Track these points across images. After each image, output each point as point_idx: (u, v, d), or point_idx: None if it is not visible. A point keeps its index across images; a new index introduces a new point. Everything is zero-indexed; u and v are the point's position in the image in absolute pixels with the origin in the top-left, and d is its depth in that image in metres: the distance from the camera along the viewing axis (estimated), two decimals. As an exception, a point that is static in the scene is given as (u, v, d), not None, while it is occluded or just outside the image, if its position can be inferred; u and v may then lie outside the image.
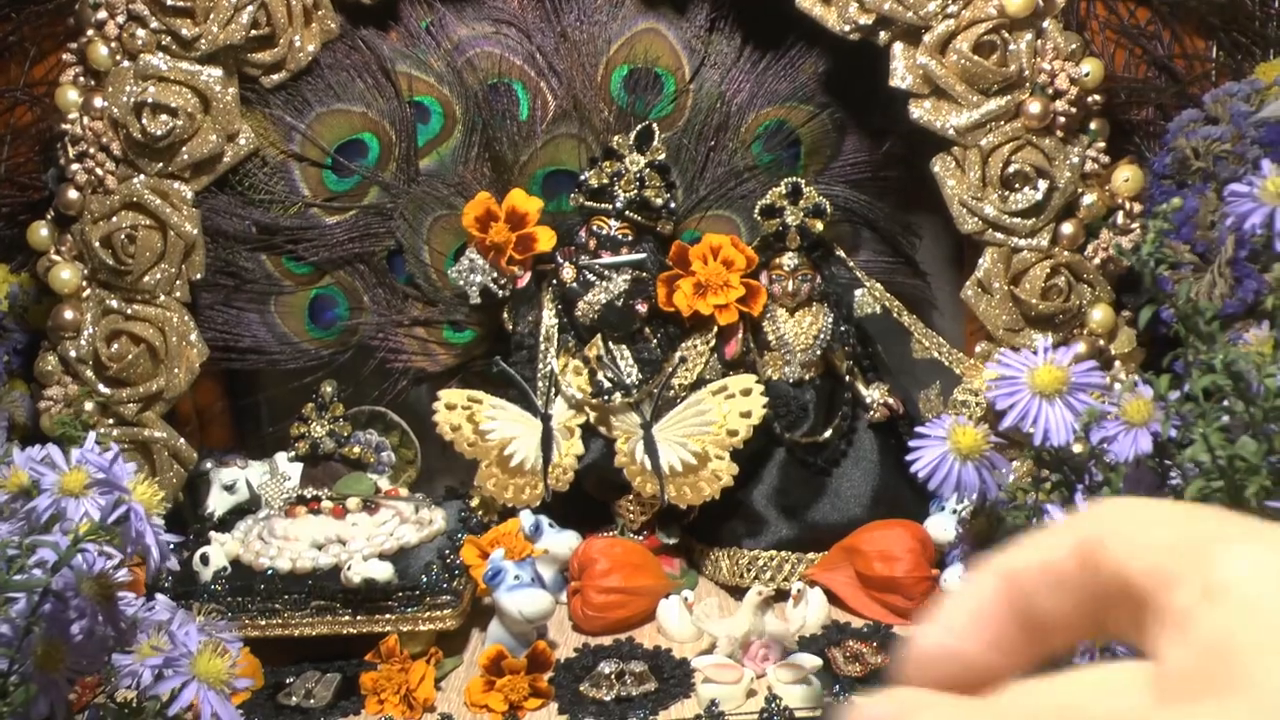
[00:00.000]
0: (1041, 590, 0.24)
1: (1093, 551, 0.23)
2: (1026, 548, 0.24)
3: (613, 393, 1.12)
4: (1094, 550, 0.23)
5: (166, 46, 1.17)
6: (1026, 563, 0.24)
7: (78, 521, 0.75)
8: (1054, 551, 0.24)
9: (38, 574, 0.73)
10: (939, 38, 1.15)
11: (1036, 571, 0.24)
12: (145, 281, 1.21)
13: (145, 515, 0.71)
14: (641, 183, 1.13)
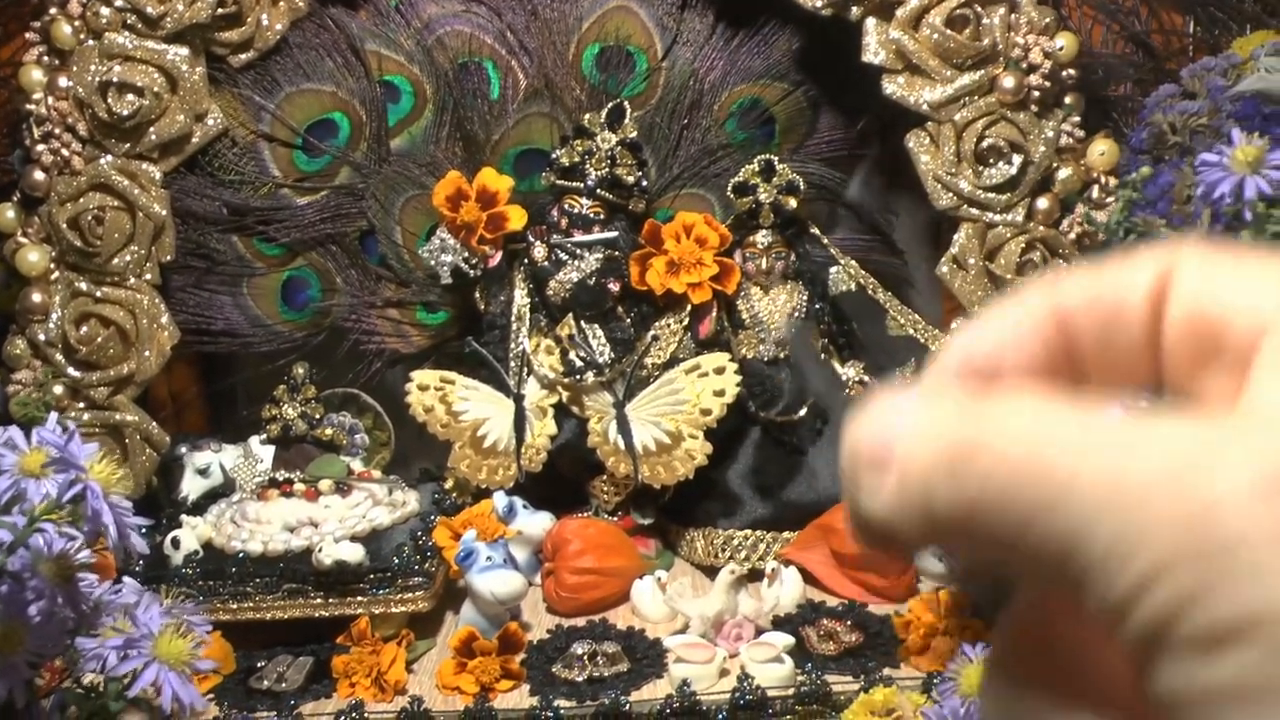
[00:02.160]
0: (1094, 323, 0.22)
1: (1166, 292, 0.21)
2: (1085, 278, 0.22)
3: (585, 372, 1.11)
4: (1168, 291, 0.21)
5: (132, 25, 1.16)
6: (1081, 292, 0.22)
7: (37, 502, 0.74)
8: (1119, 288, 0.21)
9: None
10: (911, 12, 1.14)
11: (1091, 302, 0.22)
12: (114, 263, 1.19)
13: (102, 494, 0.70)
14: (613, 161, 1.12)
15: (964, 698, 0.81)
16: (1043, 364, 0.22)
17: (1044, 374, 0.22)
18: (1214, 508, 0.18)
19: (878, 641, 1.00)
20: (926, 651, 0.98)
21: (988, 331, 0.22)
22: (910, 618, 0.99)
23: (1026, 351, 0.22)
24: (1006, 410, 0.20)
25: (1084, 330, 0.22)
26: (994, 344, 0.22)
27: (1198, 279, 0.21)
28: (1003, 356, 0.22)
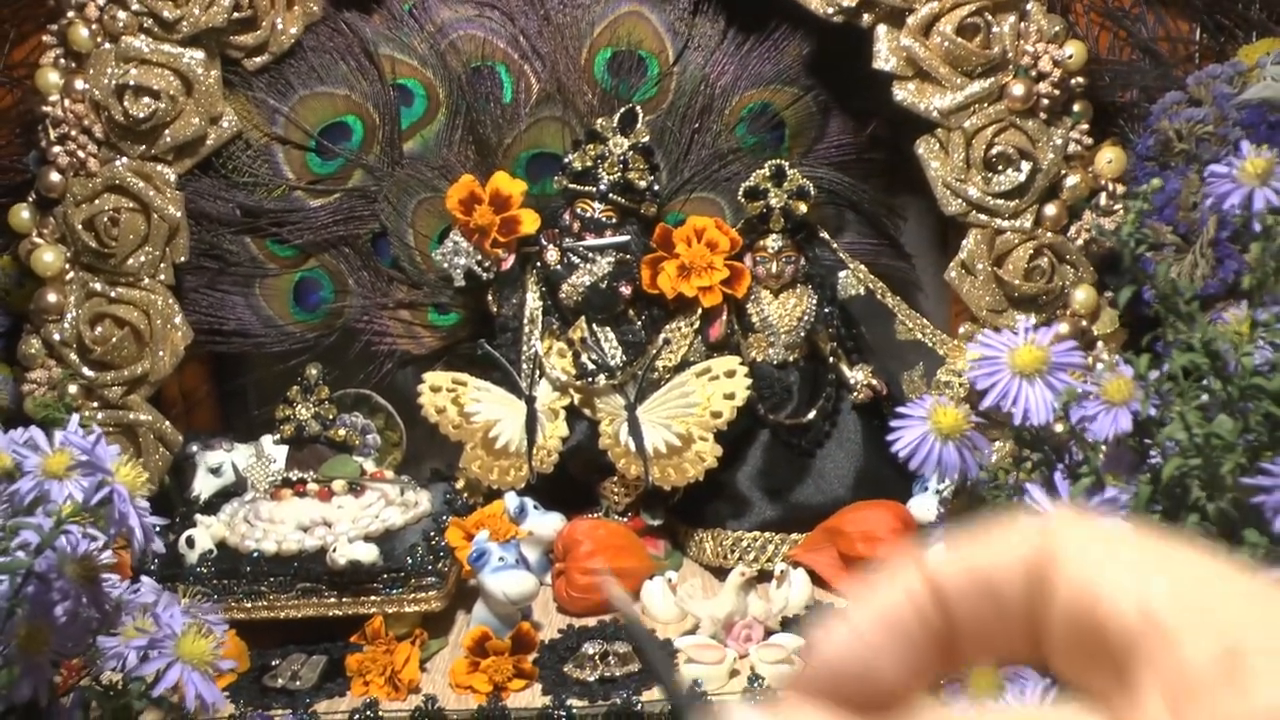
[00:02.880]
0: (971, 599, 0.21)
1: (1047, 566, 0.21)
2: (962, 549, 0.22)
3: (597, 374, 1.12)
4: (1050, 567, 0.21)
5: (148, 29, 1.17)
6: (960, 566, 0.22)
7: (61, 504, 0.75)
8: (996, 558, 0.21)
9: (21, 556, 0.74)
10: (922, 20, 1.15)
11: (967, 577, 0.21)
12: (129, 264, 1.20)
13: (129, 497, 0.72)
14: (625, 165, 1.13)
15: (971, 699, 0.82)
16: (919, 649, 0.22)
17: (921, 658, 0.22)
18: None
19: (886, 643, 1.01)
20: (934, 654, 0.99)
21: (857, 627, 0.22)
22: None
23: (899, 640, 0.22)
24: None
25: (961, 605, 0.21)
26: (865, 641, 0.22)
27: (1078, 567, 0.20)
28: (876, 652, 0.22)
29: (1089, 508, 0.75)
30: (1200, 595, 0.19)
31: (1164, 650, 0.19)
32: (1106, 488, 0.75)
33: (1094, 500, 0.75)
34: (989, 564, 0.21)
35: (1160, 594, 0.19)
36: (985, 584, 0.21)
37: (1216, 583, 0.19)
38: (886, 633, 0.22)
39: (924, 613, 0.22)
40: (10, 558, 0.73)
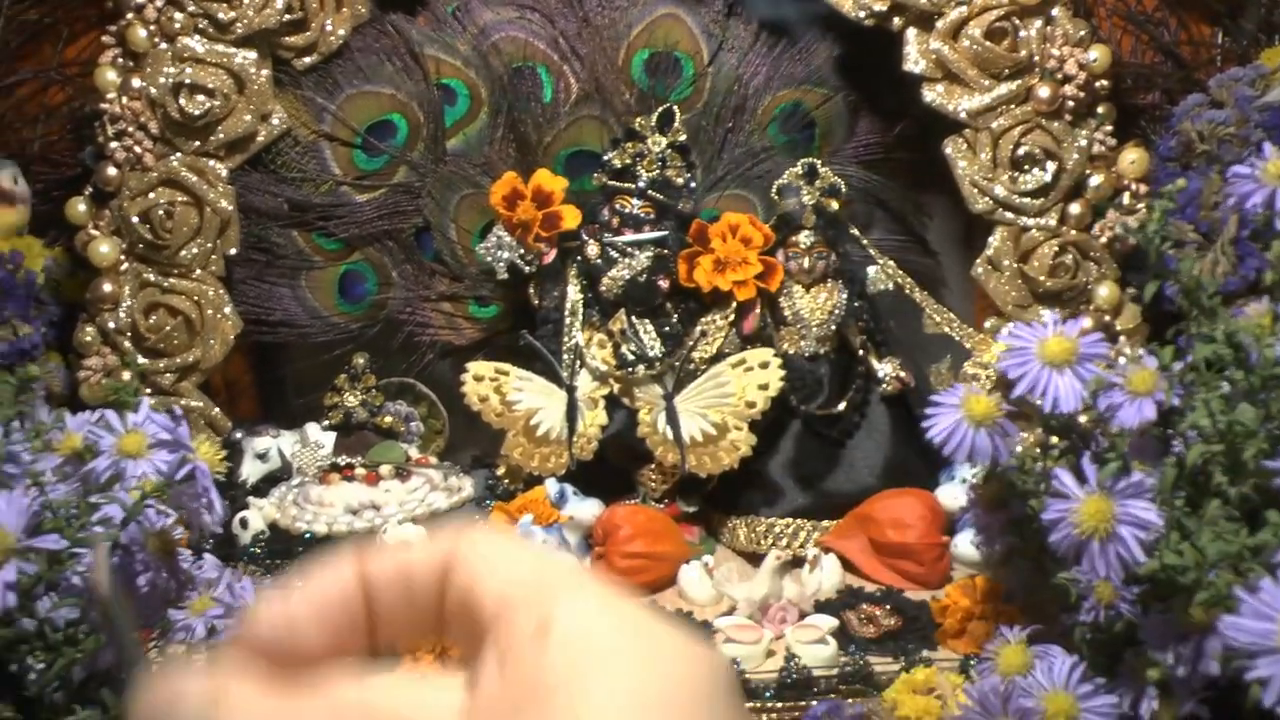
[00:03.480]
0: (392, 589, 0.26)
1: (452, 566, 0.25)
2: (390, 549, 0.26)
3: (636, 365, 1.16)
4: (453, 565, 0.25)
5: (203, 29, 1.21)
6: (385, 561, 0.26)
7: (137, 481, 0.79)
8: (415, 557, 0.26)
9: (99, 531, 0.78)
10: (951, 24, 1.19)
11: (392, 570, 0.26)
12: (182, 256, 1.25)
13: (209, 474, 0.76)
14: (663, 163, 1.18)
15: (1002, 676, 0.86)
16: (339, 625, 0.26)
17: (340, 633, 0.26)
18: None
19: (915, 625, 1.05)
20: (963, 635, 1.02)
21: (288, 602, 0.26)
22: (947, 602, 1.04)
23: (319, 616, 0.26)
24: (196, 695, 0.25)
25: (383, 591, 0.26)
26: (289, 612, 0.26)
27: (470, 563, 0.25)
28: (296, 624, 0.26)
29: (1115, 491, 0.79)
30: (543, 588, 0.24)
31: (504, 623, 0.24)
32: (1133, 472, 0.78)
33: (1120, 484, 0.78)
34: (410, 560, 0.26)
35: (513, 584, 0.24)
36: (404, 576, 0.25)
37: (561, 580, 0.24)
38: (312, 609, 0.26)
39: (348, 596, 0.26)
40: (88, 532, 0.78)
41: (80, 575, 0.76)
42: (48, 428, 0.86)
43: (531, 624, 0.23)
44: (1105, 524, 0.79)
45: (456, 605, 0.25)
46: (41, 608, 0.76)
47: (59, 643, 0.76)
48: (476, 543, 0.25)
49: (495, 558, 0.25)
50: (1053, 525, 0.81)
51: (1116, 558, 0.79)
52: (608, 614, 0.24)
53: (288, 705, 0.24)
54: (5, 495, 0.73)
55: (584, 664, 0.23)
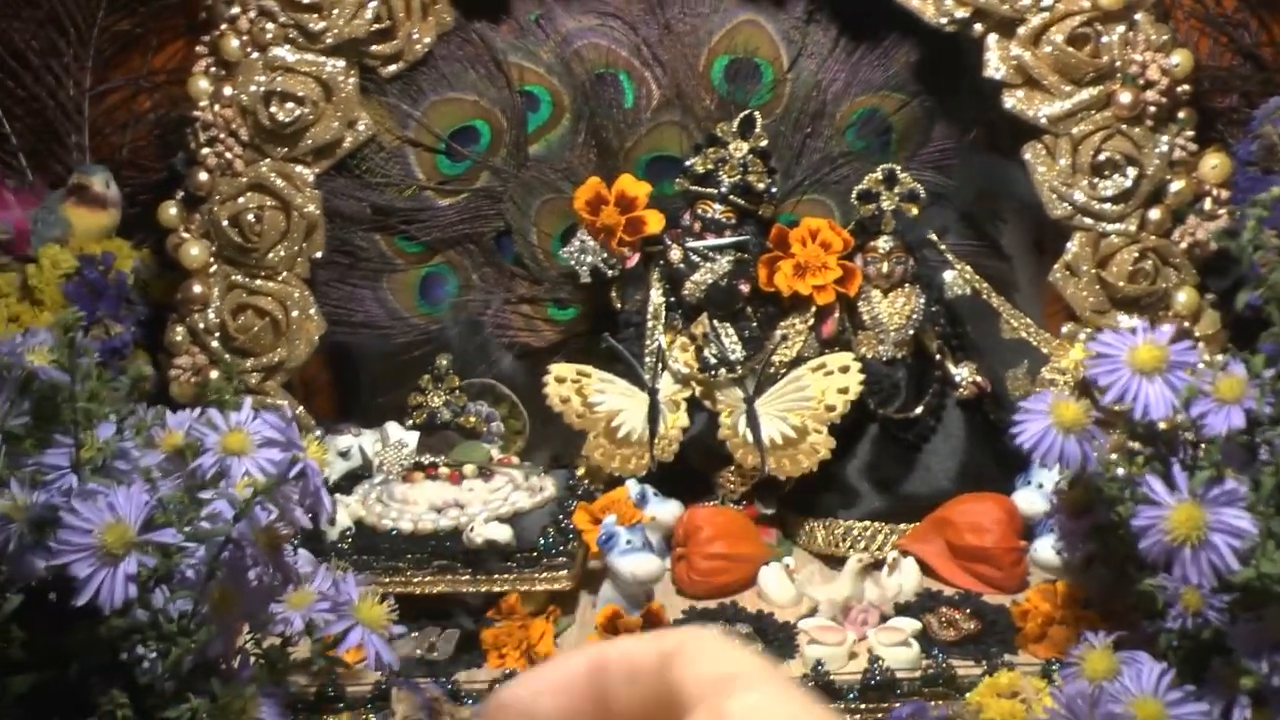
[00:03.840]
0: (620, 678, 0.28)
1: (670, 659, 0.28)
2: (621, 641, 0.29)
3: (718, 368, 1.18)
4: (670, 658, 0.28)
5: (293, 39, 1.24)
6: (617, 653, 0.29)
7: (239, 478, 0.82)
8: (641, 649, 0.28)
9: (205, 526, 0.81)
10: (1033, 30, 1.19)
11: (621, 661, 0.28)
12: (269, 258, 1.28)
13: (320, 472, 0.78)
14: (745, 168, 1.19)
15: (1089, 681, 0.86)
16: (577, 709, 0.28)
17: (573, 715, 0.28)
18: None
19: (995, 629, 1.06)
20: (1043, 640, 1.03)
21: (534, 680, 0.29)
22: (1028, 607, 1.04)
23: (563, 699, 0.28)
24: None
25: (615, 682, 0.28)
26: (536, 691, 0.29)
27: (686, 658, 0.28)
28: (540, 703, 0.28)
29: (1208, 499, 0.79)
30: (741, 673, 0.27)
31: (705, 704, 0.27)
32: (1225, 480, 0.79)
33: (1213, 491, 0.79)
34: (637, 653, 0.28)
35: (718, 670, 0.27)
36: (631, 667, 0.28)
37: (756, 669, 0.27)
38: (555, 690, 0.29)
39: (585, 681, 0.28)
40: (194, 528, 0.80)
41: (193, 569, 0.78)
42: (148, 425, 0.88)
43: (717, 701, 0.27)
44: (1197, 531, 0.79)
45: (670, 694, 0.28)
46: (155, 600, 0.79)
47: (172, 633, 0.79)
48: (690, 639, 0.28)
49: (700, 652, 0.28)
50: (1143, 532, 0.82)
51: (1209, 565, 0.79)
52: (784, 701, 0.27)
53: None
54: (123, 490, 0.76)
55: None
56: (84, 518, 0.72)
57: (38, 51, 1.43)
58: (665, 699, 0.28)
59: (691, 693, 0.27)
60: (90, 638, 0.79)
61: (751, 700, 0.27)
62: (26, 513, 0.77)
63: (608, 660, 0.29)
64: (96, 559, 0.72)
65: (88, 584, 0.72)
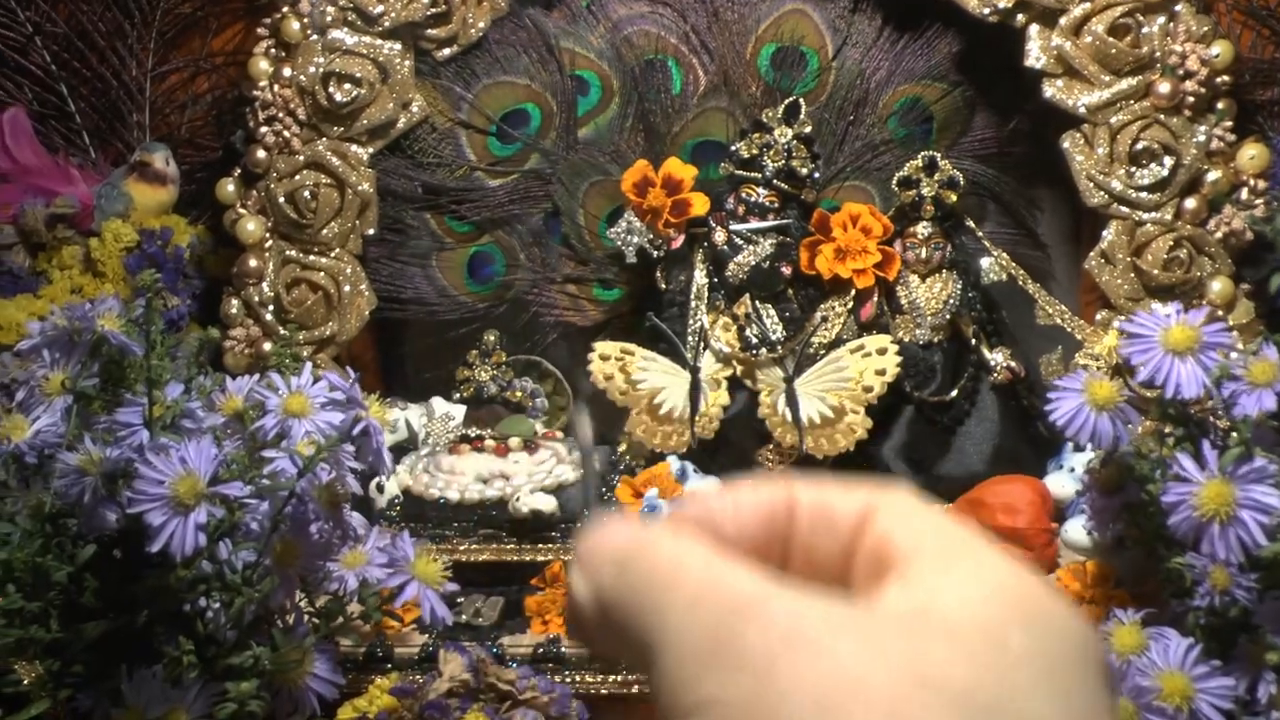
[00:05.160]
0: (814, 523, 0.28)
1: (872, 518, 0.27)
2: (820, 487, 0.28)
3: (760, 348, 1.21)
4: (873, 518, 0.27)
5: (351, 22, 1.28)
6: (815, 498, 0.28)
7: (299, 439, 0.86)
8: (841, 502, 0.28)
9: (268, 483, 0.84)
10: (1074, 20, 1.21)
11: (820, 508, 0.28)
12: (323, 234, 1.32)
13: (381, 429, 0.82)
14: (789, 154, 1.22)
15: (1117, 656, 0.89)
16: (758, 538, 0.28)
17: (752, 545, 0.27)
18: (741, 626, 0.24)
19: (1025, 607, 1.08)
20: (1073, 617, 1.05)
21: (729, 497, 0.28)
22: (1058, 586, 1.07)
23: (749, 523, 0.28)
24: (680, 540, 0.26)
25: (803, 523, 0.28)
26: (723, 508, 0.28)
27: (890, 517, 0.27)
28: (725, 519, 0.28)
29: (1237, 476, 0.81)
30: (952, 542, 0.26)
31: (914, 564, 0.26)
32: (1255, 458, 0.81)
33: (1242, 469, 0.81)
34: (835, 500, 0.28)
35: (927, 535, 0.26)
36: (829, 511, 0.28)
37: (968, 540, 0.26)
38: (747, 513, 0.28)
39: (777, 511, 0.28)
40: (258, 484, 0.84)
41: (258, 522, 0.82)
42: (208, 390, 0.93)
43: (934, 566, 0.26)
44: (1226, 507, 0.81)
45: (868, 550, 0.27)
46: (220, 552, 0.83)
47: (236, 584, 0.83)
48: (896, 502, 0.28)
49: (911, 516, 0.27)
50: (1172, 508, 0.84)
51: (1237, 541, 0.81)
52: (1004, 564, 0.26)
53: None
54: (193, 444, 0.80)
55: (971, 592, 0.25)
56: (158, 469, 0.76)
57: (103, 33, 1.47)
58: (861, 555, 0.27)
59: (900, 552, 0.26)
60: (158, 587, 0.83)
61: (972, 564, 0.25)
62: (100, 466, 0.82)
63: (804, 501, 0.28)
64: (169, 508, 0.76)
65: (161, 532, 0.76)
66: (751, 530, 0.28)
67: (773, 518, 0.28)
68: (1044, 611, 0.25)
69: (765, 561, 0.27)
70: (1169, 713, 0.83)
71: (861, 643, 0.24)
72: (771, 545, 0.28)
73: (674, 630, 0.25)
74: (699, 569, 0.25)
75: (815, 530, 0.28)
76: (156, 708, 0.80)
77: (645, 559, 0.26)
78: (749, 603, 0.24)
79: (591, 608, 0.27)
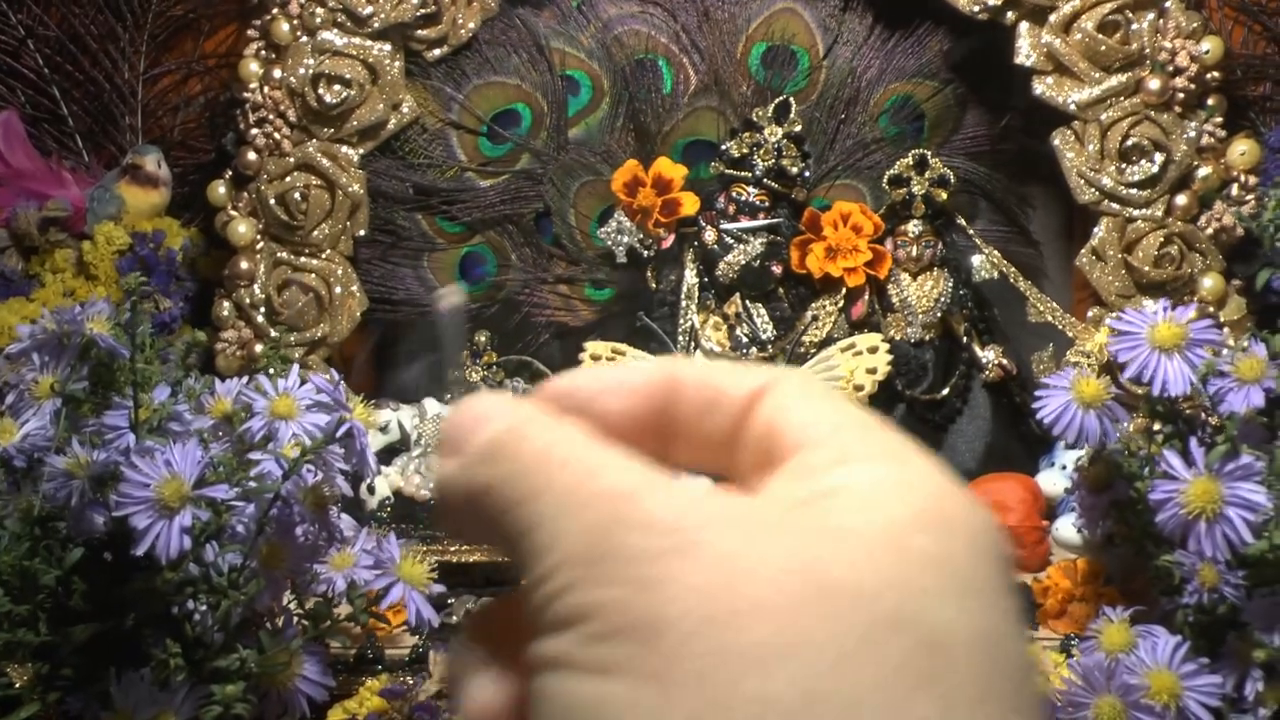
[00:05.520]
0: (698, 405, 0.26)
1: (761, 400, 0.25)
2: (706, 367, 0.27)
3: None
4: (763, 400, 0.25)
5: (341, 24, 1.28)
6: (700, 378, 0.26)
7: (286, 441, 0.86)
8: (728, 382, 0.26)
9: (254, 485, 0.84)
10: (1064, 17, 1.21)
11: (704, 388, 0.26)
12: (314, 236, 1.32)
13: (366, 431, 0.82)
14: (779, 153, 1.22)
15: (1105, 654, 0.89)
16: (640, 420, 0.26)
17: (633, 428, 0.26)
18: (621, 529, 0.22)
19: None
20: (1063, 616, 1.05)
21: (608, 375, 0.26)
22: (1049, 583, 1.07)
23: (627, 401, 0.26)
24: (555, 426, 0.24)
25: (688, 404, 0.26)
26: (601, 386, 0.26)
27: (781, 398, 0.25)
28: (603, 398, 0.26)
29: (1223, 473, 0.81)
30: (844, 433, 0.24)
31: (803, 452, 0.24)
32: (1241, 455, 0.81)
33: (1229, 466, 0.81)
34: (722, 382, 0.26)
35: (818, 424, 0.25)
36: (714, 394, 0.26)
37: (863, 431, 0.25)
38: (624, 392, 0.26)
39: (657, 392, 0.26)
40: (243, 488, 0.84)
41: (244, 524, 0.82)
42: (197, 392, 0.93)
43: (829, 456, 0.24)
44: (1213, 505, 0.81)
45: (757, 433, 0.25)
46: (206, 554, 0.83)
47: (223, 587, 0.83)
48: (789, 383, 0.26)
49: (805, 399, 0.25)
50: (1160, 505, 0.84)
51: (1223, 538, 0.81)
52: (905, 454, 0.24)
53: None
54: (178, 448, 0.80)
55: (871, 488, 0.23)
56: (143, 473, 0.76)
57: (95, 36, 1.47)
58: (749, 440, 0.25)
59: (792, 438, 0.24)
60: (145, 590, 0.83)
61: (870, 455, 0.24)
62: (88, 469, 0.82)
63: (687, 381, 0.26)
64: (154, 511, 0.76)
65: (146, 535, 0.76)
66: (633, 412, 0.26)
67: (654, 398, 0.26)
68: (948, 511, 0.24)
69: (644, 446, 0.25)
70: (1157, 710, 0.83)
71: (751, 541, 0.22)
72: (656, 429, 0.26)
73: (549, 531, 0.23)
74: (575, 459, 0.24)
75: (700, 412, 0.26)
76: (145, 710, 0.80)
77: (517, 446, 0.24)
78: (628, 497, 0.23)
79: (460, 497, 0.25)
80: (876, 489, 0.23)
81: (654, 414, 0.26)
